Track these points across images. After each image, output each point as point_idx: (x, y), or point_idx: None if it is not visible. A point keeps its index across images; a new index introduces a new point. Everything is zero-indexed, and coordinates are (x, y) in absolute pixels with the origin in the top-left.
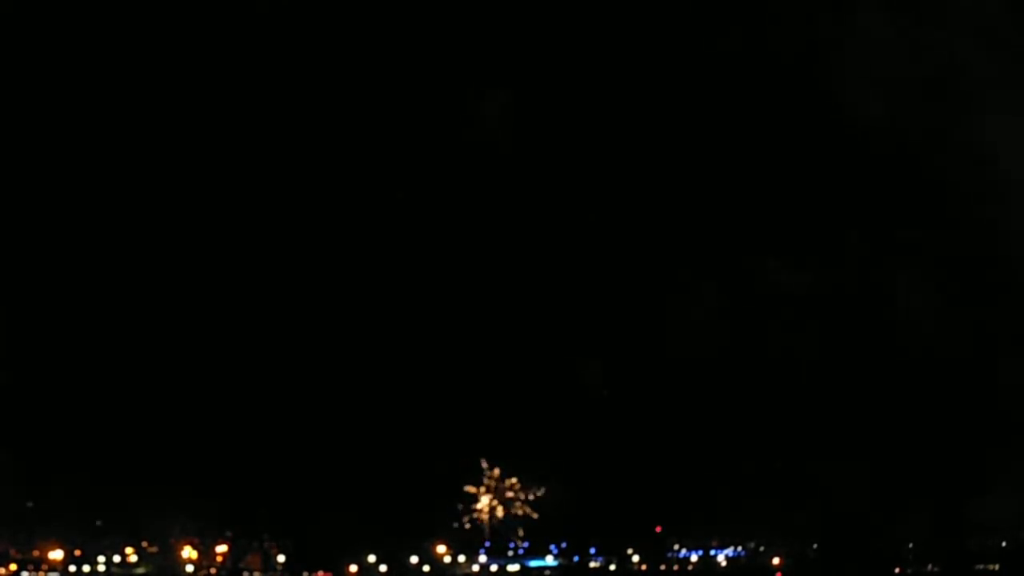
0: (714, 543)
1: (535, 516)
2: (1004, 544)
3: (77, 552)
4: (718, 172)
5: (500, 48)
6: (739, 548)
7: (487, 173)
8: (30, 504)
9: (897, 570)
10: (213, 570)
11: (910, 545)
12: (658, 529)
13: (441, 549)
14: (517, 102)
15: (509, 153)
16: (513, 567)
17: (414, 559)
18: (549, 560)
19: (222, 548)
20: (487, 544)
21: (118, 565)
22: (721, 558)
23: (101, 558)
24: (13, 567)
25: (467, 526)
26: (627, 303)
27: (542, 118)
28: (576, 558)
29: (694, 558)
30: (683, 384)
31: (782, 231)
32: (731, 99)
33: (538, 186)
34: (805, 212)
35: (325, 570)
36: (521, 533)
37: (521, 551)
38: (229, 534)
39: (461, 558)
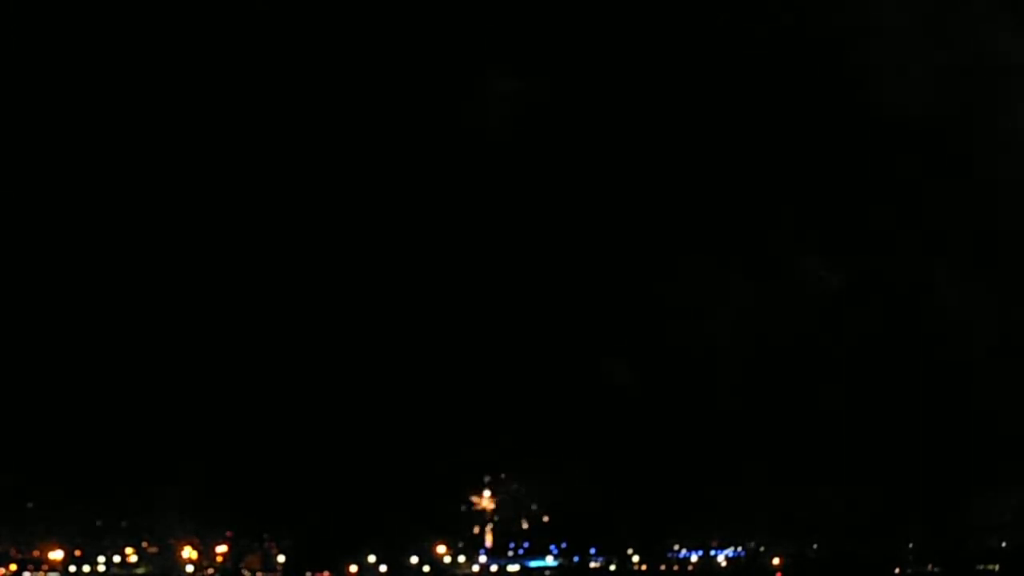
0: (714, 543)
1: (533, 508)
2: (1004, 544)
3: (77, 552)
4: (748, 165)
5: (506, 33)
6: (739, 548)
7: (510, 159)
8: (30, 504)
9: (897, 570)
10: (211, 570)
11: (910, 545)
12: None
13: (441, 549)
14: (530, 86)
15: (528, 140)
16: (513, 567)
17: (414, 559)
18: (549, 560)
19: (222, 548)
20: (487, 544)
21: (118, 565)
22: (721, 558)
23: (101, 558)
24: (13, 567)
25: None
26: (645, 298)
27: (559, 104)
28: (576, 558)
29: (694, 558)
30: (690, 382)
31: (814, 225)
32: (761, 89)
33: (565, 173)
34: (838, 205)
35: (325, 570)
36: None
37: (521, 551)
38: (229, 534)
39: (461, 558)
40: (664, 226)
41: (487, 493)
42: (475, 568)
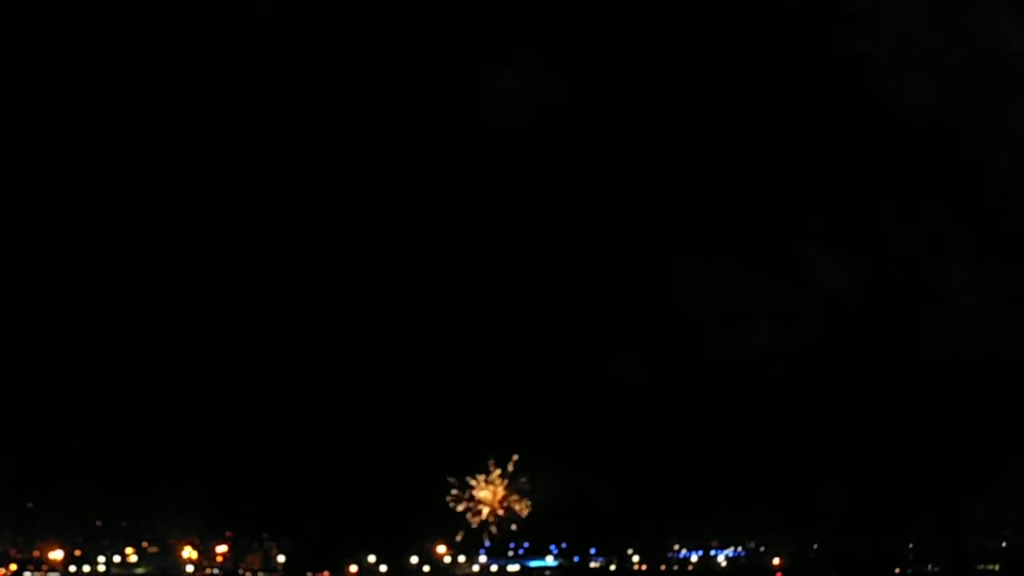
0: (714, 543)
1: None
2: (1004, 544)
3: (77, 552)
4: (758, 164)
5: (516, 23)
6: (739, 548)
7: (520, 156)
8: (30, 504)
9: (897, 570)
10: (210, 570)
11: (910, 545)
12: None
13: (441, 549)
14: (541, 85)
15: (539, 138)
16: (513, 567)
17: (414, 559)
18: (549, 560)
19: (222, 548)
20: (487, 544)
21: (118, 565)
22: (721, 558)
23: (101, 558)
24: (13, 567)
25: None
26: (648, 300)
27: (569, 103)
28: (576, 558)
29: (694, 558)
30: (692, 383)
31: (825, 225)
32: (772, 89)
33: (575, 173)
34: (849, 204)
35: (325, 570)
36: (514, 527)
37: (521, 551)
38: (229, 534)
39: (461, 558)
40: (675, 228)
41: (488, 494)
42: (475, 568)
